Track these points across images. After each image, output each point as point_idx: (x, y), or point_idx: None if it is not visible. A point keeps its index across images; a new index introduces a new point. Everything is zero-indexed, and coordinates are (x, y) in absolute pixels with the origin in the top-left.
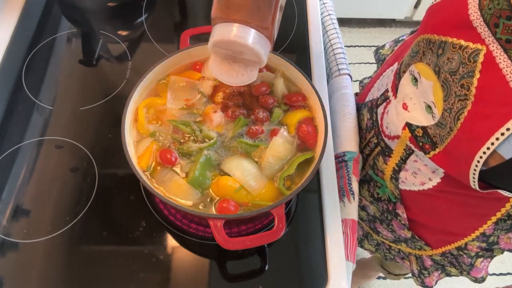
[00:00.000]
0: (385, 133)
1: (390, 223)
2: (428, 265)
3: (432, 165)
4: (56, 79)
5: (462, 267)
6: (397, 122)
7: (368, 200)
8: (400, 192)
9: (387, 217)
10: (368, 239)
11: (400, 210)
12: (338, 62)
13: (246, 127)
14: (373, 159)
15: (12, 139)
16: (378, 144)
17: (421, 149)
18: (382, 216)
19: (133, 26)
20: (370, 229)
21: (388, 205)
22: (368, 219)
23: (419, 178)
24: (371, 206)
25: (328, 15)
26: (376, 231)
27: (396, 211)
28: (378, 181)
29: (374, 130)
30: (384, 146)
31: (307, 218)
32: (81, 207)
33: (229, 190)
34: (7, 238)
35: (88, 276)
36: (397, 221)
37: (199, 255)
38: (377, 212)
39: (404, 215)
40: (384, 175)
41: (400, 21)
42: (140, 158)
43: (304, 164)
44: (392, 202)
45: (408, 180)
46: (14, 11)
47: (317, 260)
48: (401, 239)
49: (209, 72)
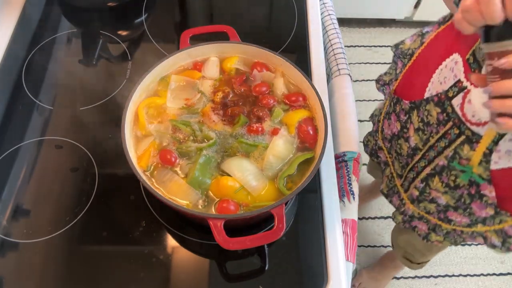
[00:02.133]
0: (472, 122)
1: (469, 207)
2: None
3: None
4: (56, 79)
5: None
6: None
7: (441, 191)
8: (491, 173)
9: (464, 202)
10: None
11: (488, 189)
12: (338, 62)
13: (246, 126)
14: (453, 150)
15: (12, 139)
16: (462, 134)
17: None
18: (457, 203)
19: (133, 26)
20: (439, 220)
21: (469, 189)
22: (437, 210)
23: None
24: (443, 196)
25: (328, 15)
26: (447, 220)
27: (481, 193)
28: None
29: (454, 121)
30: (470, 134)
31: (307, 218)
32: (81, 207)
33: (229, 190)
34: (7, 238)
35: (88, 276)
36: (479, 202)
37: (199, 255)
38: (451, 200)
39: (493, 194)
40: (472, 161)
41: (400, 21)
42: (140, 158)
43: (304, 164)
44: (475, 185)
45: (502, 159)
46: (14, 11)
47: (317, 260)
48: (478, 220)
49: (209, 71)
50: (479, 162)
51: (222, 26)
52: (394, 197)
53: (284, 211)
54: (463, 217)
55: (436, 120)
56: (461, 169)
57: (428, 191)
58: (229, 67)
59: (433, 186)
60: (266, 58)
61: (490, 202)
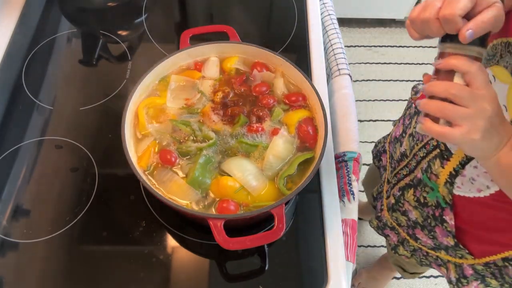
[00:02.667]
0: None
1: (433, 230)
2: (469, 274)
3: None
4: (56, 79)
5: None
6: None
7: (412, 204)
8: (453, 198)
9: (430, 224)
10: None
11: (448, 216)
12: (338, 62)
13: (246, 125)
14: (428, 161)
15: (12, 139)
16: (437, 147)
17: None
18: (424, 222)
19: (133, 26)
20: (408, 235)
21: (435, 210)
22: (407, 225)
23: (476, 185)
24: (414, 211)
25: (328, 15)
26: (415, 237)
27: (443, 217)
28: (429, 185)
29: None
30: (443, 149)
31: (307, 218)
32: (81, 207)
33: (229, 190)
34: (7, 238)
35: (88, 276)
36: (442, 228)
37: (199, 255)
38: (420, 217)
39: (452, 222)
40: (438, 179)
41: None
42: (140, 158)
43: (304, 164)
44: (440, 207)
45: (464, 186)
46: (14, 11)
47: (317, 260)
48: (441, 246)
49: (209, 71)
50: (445, 182)
51: (222, 26)
52: (379, 202)
53: (284, 211)
54: (428, 238)
55: None
56: (431, 185)
57: (402, 202)
58: (229, 67)
59: (406, 197)
60: (266, 58)
61: (449, 230)
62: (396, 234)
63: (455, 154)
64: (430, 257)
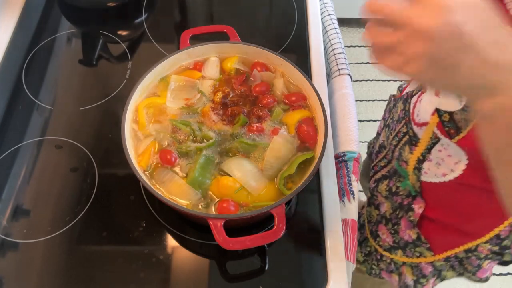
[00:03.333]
0: (415, 121)
1: (398, 222)
2: (428, 272)
3: (456, 155)
4: (56, 79)
5: (467, 269)
6: (428, 109)
7: (383, 195)
8: (421, 185)
9: (397, 215)
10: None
11: (418, 205)
12: (338, 62)
13: (246, 125)
14: (399, 149)
15: (12, 139)
16: (407, 133)
17: (447, 134)
18: (392, 215)
19: (133, 26)
20: (370, 233)
21: (404, 199)
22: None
23: (441, 168)
24: (386, 203)
25: (328, 15)
26: (375, 234)
27: (411, 206)
28: (401, 173)
29: (405, 120)
30: (412, 134)
31: (307, 218)
32: (81, 207)
33: (229, 190)
34: (7, 238)
35: (88, 276)
36: (407, 219)
37: (199, 255)
38: (389, 210)
39: (420, 211)
40: (408, 166)
41: None
42: (140, 158)
43: (304, 164)
44: (411, 196)
45: (431, 171)
46: (14, 11)
47: (317, 260)
48: (400, 244)
49: (209, 71)
50: (414, 168)
51: (222, 26)
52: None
53: (284, 211)
54: (388, 234)
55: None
56: (402, 173)
57: (376, 194)
58: (229, 67)
59: (379, 189)
60: (266, 58)
61: (412, 219)
62: (361, 233)
63: (422, 139)
64: (382, 262)
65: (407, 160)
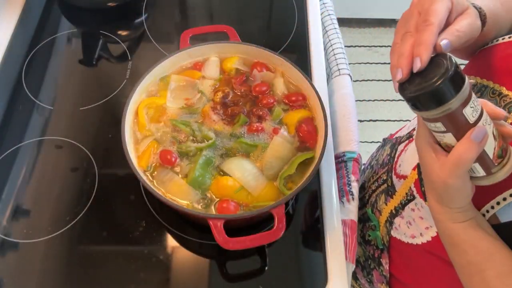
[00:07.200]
0: (396, 171)
1: (371, 272)
2: None
3: (428, 219)
4: (56, 79)
5: None
6: (411, 161)
7: (358, 240)
8: (390, 240)
9: (369, 265)
10: None
11: (385, 260)
12: (338, 62)
13: (246, 125)
14: (376, 196)
15: (12, 139)
16: (386, 182)
17: (422, 194)
18: (365, 263)
19: (133, 26)
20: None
21: (375, 251)
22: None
23: (411, 229)
24: (359, 248)
25: (328, 15)
26: (355, 276)
27: (380, 260)
28: (373, 221)
29: (388, 167)
30: (390, 184)
31: (307, 218)
32: (81, 207)
33: (229, 190)
34: (7, 238)
35: (88, 276)
36: (378, 272)
37: (199, 255)
38: (362, 256)
39: (387, 266)
40: (381, 216)
41: None
42: (140, 158)
43: (304, 164)
44: (379, 248)
45: (401, 228)
46: (14, 11)
47: (317, 260)
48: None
49: (209, 71)
50: (386, 220)
51: (222, 26)
52: None
53: (284, 211)
54: (365, 281)
55: (382, 161)
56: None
57: None
58: (229, 67)
59: None
60: (266, 58)
61: (384, 275)
62: None
63: (398, 192)
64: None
65: (381, 210)
